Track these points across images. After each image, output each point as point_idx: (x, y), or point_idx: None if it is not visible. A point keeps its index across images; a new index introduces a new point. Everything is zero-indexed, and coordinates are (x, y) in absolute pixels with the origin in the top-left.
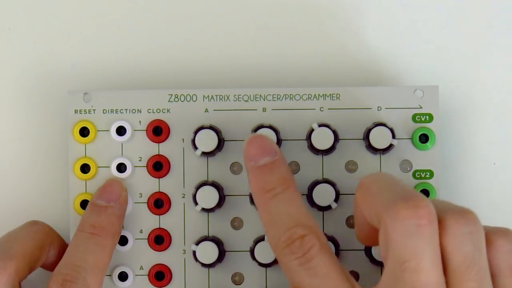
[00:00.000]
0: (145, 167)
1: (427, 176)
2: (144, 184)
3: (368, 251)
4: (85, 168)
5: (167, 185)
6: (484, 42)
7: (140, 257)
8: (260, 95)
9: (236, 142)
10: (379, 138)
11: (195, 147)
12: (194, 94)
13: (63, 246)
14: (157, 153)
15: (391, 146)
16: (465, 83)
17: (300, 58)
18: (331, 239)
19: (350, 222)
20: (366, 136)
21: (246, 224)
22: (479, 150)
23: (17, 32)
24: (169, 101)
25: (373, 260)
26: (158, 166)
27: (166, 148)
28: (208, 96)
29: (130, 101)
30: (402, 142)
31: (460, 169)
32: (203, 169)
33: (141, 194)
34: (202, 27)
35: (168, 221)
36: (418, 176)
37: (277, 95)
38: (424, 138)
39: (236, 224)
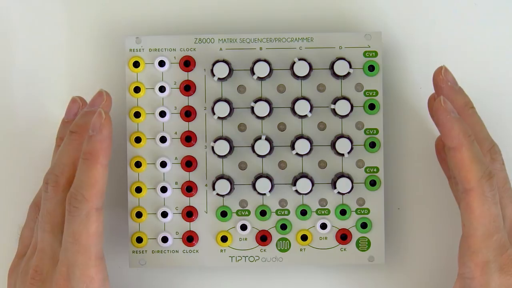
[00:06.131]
0: (178, 89)
1: (373, 94)
2: (176, 101)
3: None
4: (137, 89)
5: (193, 101)
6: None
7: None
8: (258, 38)
9: (241, 71)
10: (340, 68)
11: (213, 75)
12: (212, 38)
13: None
14: (187, 79)
15: (348, 73)
16: (402, 28)
17: (287, 11)
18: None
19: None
20: (331, 67)
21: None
22: (411, 76)
23: None
24: (195, 43)
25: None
26: (187, 88)
27: (193, 75)
28: (222, 39)
29: (168, 43)
30: (356, 71)
31: (397, 88)
32: (218, 91)
33: (175, 107)
34: None
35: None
36: (368, 94)
37: (270, 38)
38: (371, 68)
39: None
